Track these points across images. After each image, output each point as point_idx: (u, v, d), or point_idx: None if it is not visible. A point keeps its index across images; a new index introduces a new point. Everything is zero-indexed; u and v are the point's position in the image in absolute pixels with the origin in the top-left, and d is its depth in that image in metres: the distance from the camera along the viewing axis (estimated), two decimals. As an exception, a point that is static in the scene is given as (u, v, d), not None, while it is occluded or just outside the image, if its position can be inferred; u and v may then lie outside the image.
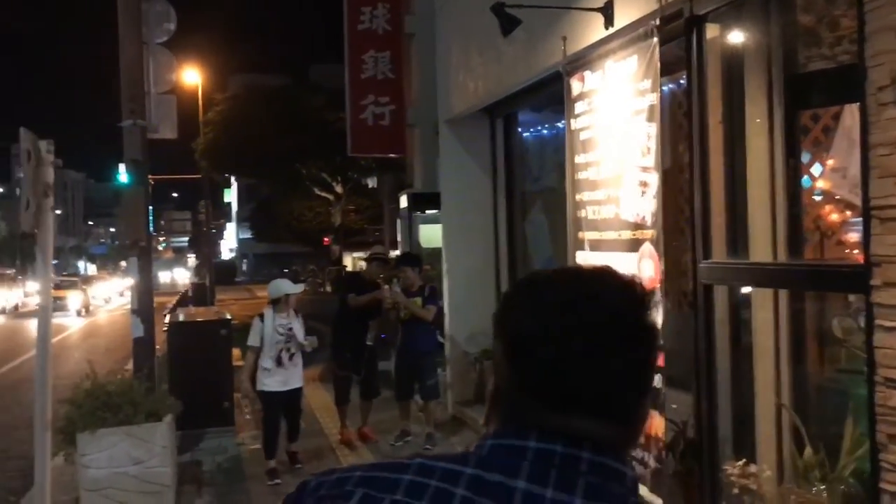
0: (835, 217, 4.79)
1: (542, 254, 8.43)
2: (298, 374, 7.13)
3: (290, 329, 7.02)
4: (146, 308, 7.63)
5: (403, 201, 11.29)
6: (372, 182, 31.11)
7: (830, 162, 4.80)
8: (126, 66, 7.54)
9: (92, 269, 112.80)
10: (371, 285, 7.91)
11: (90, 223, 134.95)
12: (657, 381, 4.79)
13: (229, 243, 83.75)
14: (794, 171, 4.65)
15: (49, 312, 4.22)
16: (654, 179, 4.77)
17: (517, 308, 0.93)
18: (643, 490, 4.93)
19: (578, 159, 5.71)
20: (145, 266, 7.60)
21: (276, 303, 7.06)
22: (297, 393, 7.21)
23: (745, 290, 4.88)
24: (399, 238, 12.12)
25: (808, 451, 4.26)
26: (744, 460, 4.53)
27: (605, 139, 5.32)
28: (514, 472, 0.83)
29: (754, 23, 4.70)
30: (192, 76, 35.29)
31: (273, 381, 6.96)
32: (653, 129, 4.75)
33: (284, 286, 7.29)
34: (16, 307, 37.78)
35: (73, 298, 31.99)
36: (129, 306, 8.36)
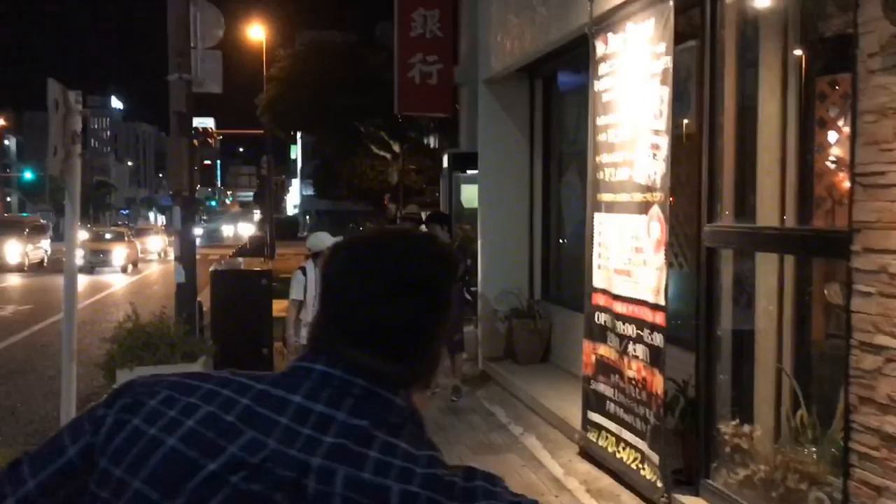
0: (848, 185, 4.77)
1: (574, 215, 8.50)
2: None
3: None
4: (189, 256, 8.00)
5: (445, 161, 11.43)
6: (434, 142, 31.23)
7: (847, 129, 4.77)
8: (173, 21, 7.81)
9: (161, 220, 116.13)
10: None
11: (161, 175, 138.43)
12: (658, 340, 4.90)
13: (294, 199, 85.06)
14: (807, 137, 4.64)
15: (74, 248, 4.51)
16: (664, 143, 4.82)
17: (331, 253, 1.09)
18: (642, 445, 5.07)
19: (599, 121, 5.77)
20: (188, 215, 7.94)
21: (317, 256, 6.98)
22: None
23: (757, 254, 4.92)
24: (440, 198, 12.29)
25: (802, 413, 4.34)
26: (737, 420, 4.62)
27: (624, 102, 5.37)
28: (295, 388, 0.97)
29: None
30: (257, 32, 35.89)
31: None
32: (665, 92, 4.80)
33: (325, 239, 7.28)
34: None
35: (118, 253, 27.64)
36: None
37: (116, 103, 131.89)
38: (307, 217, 74.85)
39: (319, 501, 0.88)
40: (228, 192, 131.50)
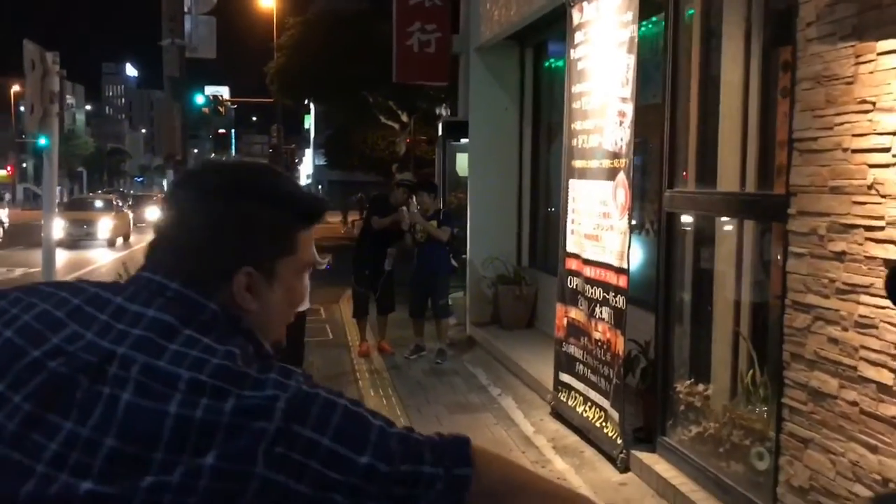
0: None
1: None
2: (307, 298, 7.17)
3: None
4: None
5: (440, 130, 11.53)
6: (446, 112, 31.14)
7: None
8: (167, -13, 7.95)
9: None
10: (396, 210, 8.26)
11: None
12: (621, 303, 5.05)
13: (307, 169, 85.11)
14: (768, 106, 4.73)
15: (52, 216, 4.65)
16: (630, 110, 4.94)
17: (172, 184, 1.26)
18: (605, 403, 5.24)
19: (574, 89, 5.88)
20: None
21: None
22: (303, 316, 6.80)
23: (721, 219, 5.04)
24: (435, 166, 12.40)
25: (755, 372, 4.48)
26: (692, 380, 4.78)
27: (596, 70, 5.48)
28: (120, 292, 1.12)
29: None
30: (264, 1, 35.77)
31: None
32: (631, 60, 4.91)
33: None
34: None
35: (104, 224, 23.80)
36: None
37: (131, 71, 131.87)
38: (319, 187, 75.00)
39: (115, 384, 1.02)
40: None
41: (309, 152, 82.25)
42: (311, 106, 61.12)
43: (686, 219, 4.92)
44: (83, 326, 1.07)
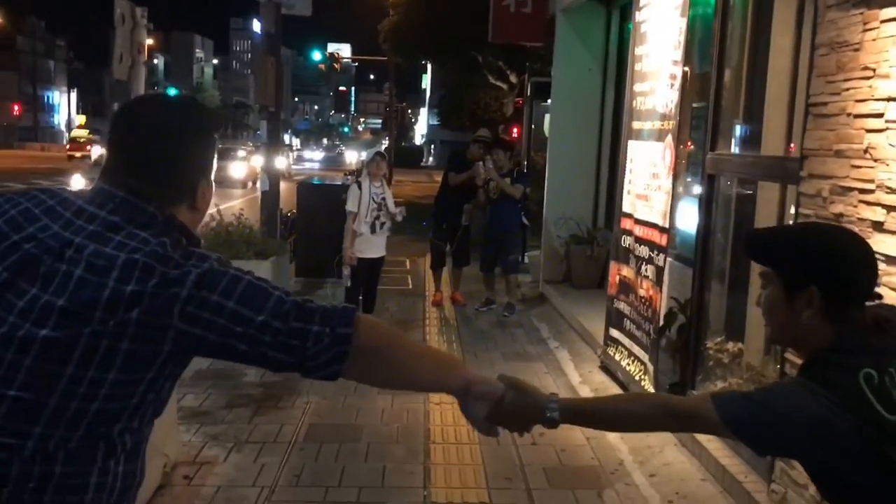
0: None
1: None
2: (383, 245, 7.38)
3: (384, 199, 7.31)
4: (273, 167, 8.76)
5: (529, 90, 11.67)
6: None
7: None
8: (267, -53, 8.42)
9: (296, 143, 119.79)
10: (472, 166, 8.56)
11: (296, 99, 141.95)
12: (662, 261, 5.22)
13: (422, 129, 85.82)
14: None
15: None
16: (679, 72, 5.06)
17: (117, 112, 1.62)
18: (645, 357, 5.45)
19: (637, 51, 6.00)
20: (274, 129, 8.66)
21: (372, 170, 7.36)
22: (378, 263, 7.44)
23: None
24: (524, 126, 12.57)
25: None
26: (722, 337, 4.92)
27: (654, 33, 5.59)
28: (82, 197, 1.50)
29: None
30: (386, -43, 36.16)
31: (365, 247, 7.21)
32: (683, 23, 5.01)
33: (375, 151, 7.95)
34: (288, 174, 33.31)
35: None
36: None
37: (258, 26, 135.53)
38: (432, 146, 75.73)
39: (70, 263, 1.40)
40: (361, 119, 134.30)
41: (423, 112, 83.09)
42: (428, 66, 61.73)
43: (727, 181, 5.02)
44: (52, 220, 1.46)
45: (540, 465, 4.59)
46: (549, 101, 11.21)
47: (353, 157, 61.66)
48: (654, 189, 5.47)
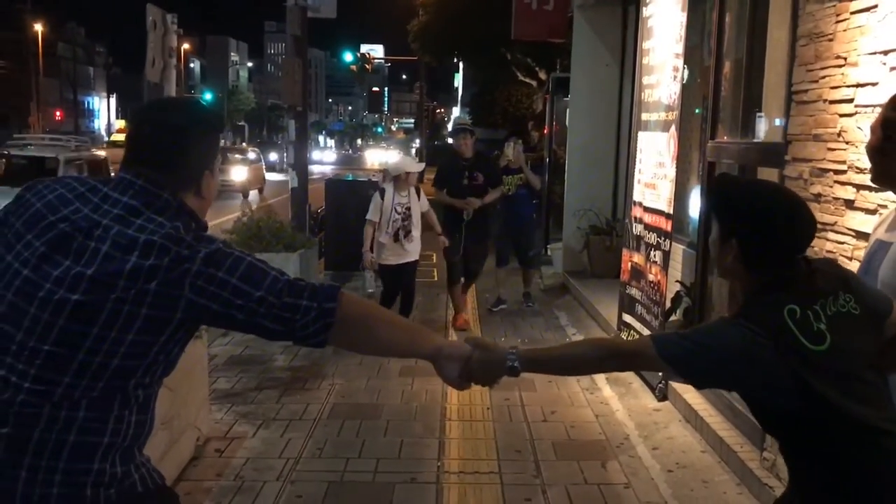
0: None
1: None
2: (414, 250, 7.11)
3: (409, 209, 6.95)
4: (302, 164, 9.10)
5: (550, 85, 11.89)
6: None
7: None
8: (292, -48, 8.76)
9: (331, 143, 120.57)
10: (463, 163, 7.72)
11: (330, 100, 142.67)
12: (667, 246, 5.44)
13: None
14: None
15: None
16: (680, 65, 5.28)
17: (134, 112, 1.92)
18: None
19: (645, 45, 6.21)
20: (301, 128, 9.01)
21: (397, 180, 6.99)
22: (410, 266, 7.16)
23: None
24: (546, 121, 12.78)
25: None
26: (724, 318, 5.13)
27: (658, 27, 5.81)
28: (107, 184, 1.77)
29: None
30: (415, -42, 36.51)
31: (388, 254, 7.00)
32: (683, 17, 5.23)
33: (405, 164, 7.27)
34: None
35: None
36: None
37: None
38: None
39: (98, 241, 1.67)
40: (394, 119, 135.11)
41: (456, 110, 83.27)
42: (460, 65, 62.05)
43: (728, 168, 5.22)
44: (83, 204, 1.74)
45: (549, 440, 4.85)
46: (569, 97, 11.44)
47: (375, 158, 59.86)
48: (660, 178, 5.69)
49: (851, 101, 3.28)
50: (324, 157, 66.15)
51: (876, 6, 3.15)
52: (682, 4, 5.24)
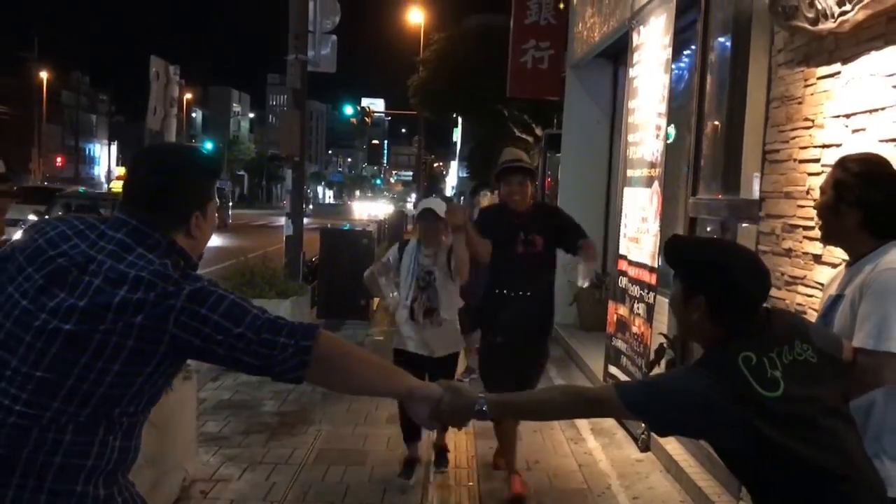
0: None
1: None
2: (445, 339, 4.94)
3: (431, 275, 4.88)
4: (297, 212, 9.26)
5: (544, 141, 12.15)
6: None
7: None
8: (294, 7, 9.04)
9: (329, 194, 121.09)
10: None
11: (330, 152, 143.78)
12: (652, 299, 5.56)
13: (452, 181, 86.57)
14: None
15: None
16: (664, 124, 5.47)
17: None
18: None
19: (630, 104, 6.43)
20: (298, 178, 9.19)
21: (425, 231, 4.92)
22: (444, 363, 4.93)
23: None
24: (539, 176, 13.03)
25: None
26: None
27: (643, 88, 6.03)
28: (104, 223, 1.90)
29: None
30: (416, 16, 37.36)
31: (409, 336, 4.94)
32: (667, 79, 5.44)
33: (433, 204, 4.98)
34: None
35: None
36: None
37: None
38: (461, 198, 76.54)
39: (92, 275, 1.78)
40: (393, 172, 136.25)
41: (454, 164, 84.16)
42: (459, 120, 63.04)
43: (709, 224, 5.38)
44: (81, 241, 1.86)
45: (532, 489, 4.90)
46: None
47: (363, 210, 52.44)
48: (643, 232, 5.84)
49: (818, 160, 3.44)
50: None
51: (839, 73, 3.33)
52: (666, 66, 5.45)
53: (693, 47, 5.70)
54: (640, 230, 5.92)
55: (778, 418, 1.86)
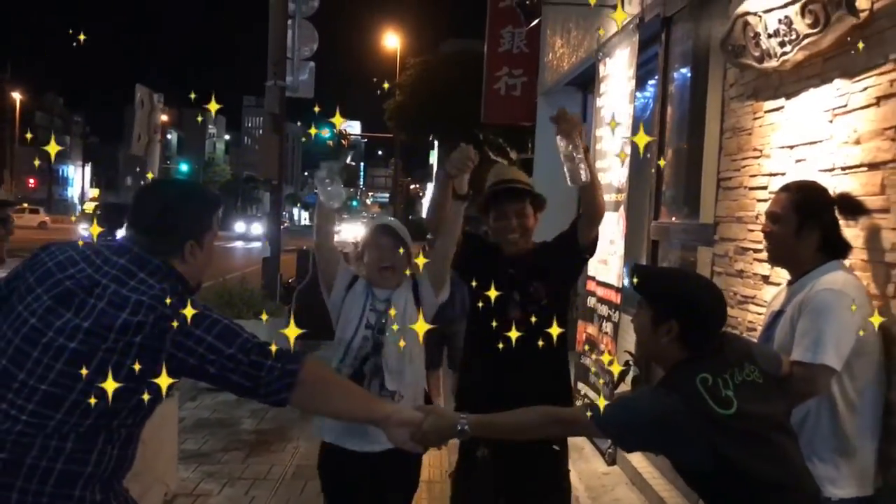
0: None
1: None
2: (394, 434, 2.59)
3: (384, 321, 3.23)
4: (274, 235, 9.43)
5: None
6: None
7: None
8: (273, 35, 9.27)
9: (305, 216, 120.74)
10: None
11: (305, 174, 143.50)
12: (617, 318, 5.80)
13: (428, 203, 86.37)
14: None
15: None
16: (628, 151, 5.74)
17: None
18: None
19: (597, 132, 6.71)
20: (276, 201, 9.37)
21: (370, 263, 3.38)
22: (383, 472, 3.19)
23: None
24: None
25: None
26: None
27: (609, 117, 6.31)
28: (109, 248, 2.06)
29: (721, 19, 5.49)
30: (392, 41, 37.81)
31: (337, 428, 3.18)
32: (631, 109, 5.72)
33: (386, 219, 3.58)
34: None
35: None
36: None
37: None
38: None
39: (97, 298, 1.94)
40: (370, 193, 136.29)
41: (430, 186, 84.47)
42: (436, 143, 63.53)
43: (670, 246, 5.64)
44: (87, 265, 2.02)
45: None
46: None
47: (339, 232, 47.72)
48: (611, 254, 6.09)
49: (766, 188, 3.71)
50: (251, 230, 46.12)
51: (783, 107, 3.60)
52: (630, 97, 5.73)
53: (656, 78, 5.99)
54: (607, 252, 6.17)
55: (733, 434, 2.01)
